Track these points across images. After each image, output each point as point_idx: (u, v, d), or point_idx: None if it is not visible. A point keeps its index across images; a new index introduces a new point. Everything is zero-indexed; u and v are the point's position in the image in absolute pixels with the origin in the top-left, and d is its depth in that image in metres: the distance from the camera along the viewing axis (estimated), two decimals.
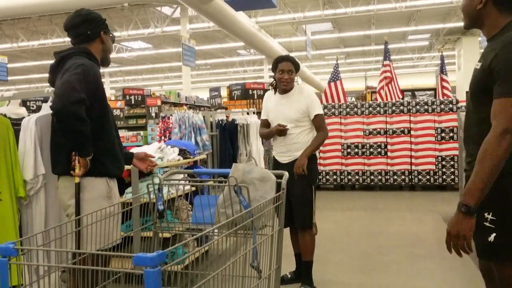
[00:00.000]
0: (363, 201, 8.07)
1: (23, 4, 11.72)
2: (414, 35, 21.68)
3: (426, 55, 26.94)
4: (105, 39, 2.67)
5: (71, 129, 2.36)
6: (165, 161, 4.12)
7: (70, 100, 2.29)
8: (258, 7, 7.76)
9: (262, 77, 25.09)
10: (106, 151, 2.56)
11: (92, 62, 2.54)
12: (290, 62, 3.74)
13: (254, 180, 2.23)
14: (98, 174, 2.50)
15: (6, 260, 1.44)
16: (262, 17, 16.06)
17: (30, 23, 16.58)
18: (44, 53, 21.45)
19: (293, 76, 3.75)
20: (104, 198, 2.52)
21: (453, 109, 8.57)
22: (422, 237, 5.51)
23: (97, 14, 2.69)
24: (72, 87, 2.33)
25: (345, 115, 9.07)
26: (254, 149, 6.77)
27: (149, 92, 13.24)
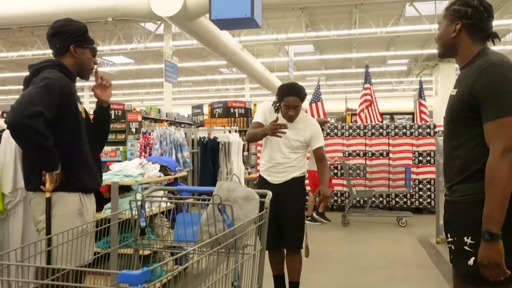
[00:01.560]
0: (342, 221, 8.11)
1: (4, 15, 11.59)
2: (393, 60, 22.16)
3: (405, 80, 27.53)
4: (78, 53, 2.59)
5: (27, 143, 2.31)
6: (146, 177, 4.10)
7: (24, 114, 2.22)
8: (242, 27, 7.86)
9: (243, 95, 25.21)
10: (79, 165, 2.51)
11: (62, 76, 2.48)
12: (298, 97, 3.58)
13: (238, 199, 2.23)
14: (70, 189, 2.45)
15: None
16: (245, 37, 16.22)
17: (11, 34, 16.41)
18: (23, 65, 21.16)
19: (299, 110, 3.64)
20: (76, 215, 2.46)
21: (430, 133, 8.75)
22: (400, 259, 5.57)
23: (72, 26, 2.61)
24: (29, 100, 2.27)
25: (325, 136, 9.15)
26: (235, 167, 6.78)
27: (129, 107, 13.17)
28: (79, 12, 10.99)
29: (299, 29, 15.67)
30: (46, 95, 2.32)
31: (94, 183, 2.63)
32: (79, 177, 2.50)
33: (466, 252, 1.97)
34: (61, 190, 2.42)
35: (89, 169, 2.58)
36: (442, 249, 5.94)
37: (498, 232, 1.82)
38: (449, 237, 2.08)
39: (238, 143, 7.04)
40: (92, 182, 2.60)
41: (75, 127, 2.52)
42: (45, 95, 2.32)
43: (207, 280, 1.86)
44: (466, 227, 1.96)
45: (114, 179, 3.89)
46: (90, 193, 2.61)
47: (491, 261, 1.83)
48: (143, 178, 4.04)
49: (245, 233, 2.15)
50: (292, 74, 16.95)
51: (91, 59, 2.67)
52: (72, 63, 2.59)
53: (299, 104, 3.60)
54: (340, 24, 15.23)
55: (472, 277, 1.97)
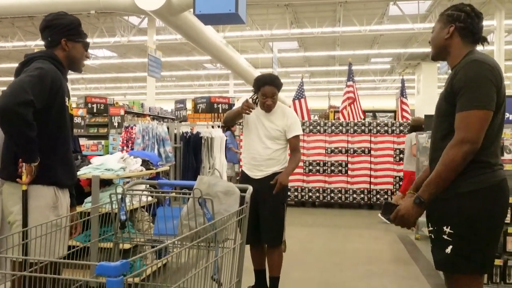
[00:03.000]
0: (323, 218, 8.19)
1: None
2: (376, 58, 22.35)
3: (388, 78, 27.79)
4: (69, 47, 2.60)
5: (14, 131, 2.30)
6: (127, 171, 4.08)
7: (16, 100, 2.22)
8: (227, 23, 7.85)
9: (227, 91, 25.16)
10: (58, 159, 2.51)
11: (53, 67, 2.49)
12: (274, 86, 3.71)
13: (219, 193, 2.24)
14: (46, 182, 2.44)
15: None
16: (230, 32, 16.17)
17: None
18: (3, 56, 20.79)
19: (276, 99, 3.75)
20: (50, 208, 2.45)
21: None
22: (378, 256, 5.64)
23: (64, 20, 2.62)
24: (21, 87, 2.27)
25: (308, 133, 9.21)
26: (217, 162, 6.78)
27: (112, 101, 13.03)
28: (61, 3, 10.82)
29: (283, 26, 15.68)
30: (38, 85, 2.32)
31: (70, 179, 2.63)
32: (56, 171, 2.49)
33: (444, 241, 2.10)
34: (36, 183, 2.41)
35: (67, 164, 2.58)
36: (421, 245, 6.04)
37: (427, 201, 2.10)
38: (429, 226, 2.23)
39: (221, 139, 7.04)
40: (68, 177, 2.60)
41: (60, 121, 2.51)
42: (37, 84, 2.32)
43: (187, 274, 1.87)
44: (445, 217, 2.10)
45: (95, 173, 3.87)
46: (65, 188, 2.60)
47: (408, 216, 2.15)
48: (125, 172, 4.02)
49: (225, 227, 2.16)
50: (276, 70, 16.97)
51: (82, 53, 2.68)
52: (64, 56, 2.60)
53: (276, 93, 3.71)
54: (324, 22, 15.29)
55: (450, 264, 2.11)
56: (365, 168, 9.00)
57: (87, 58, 2.76)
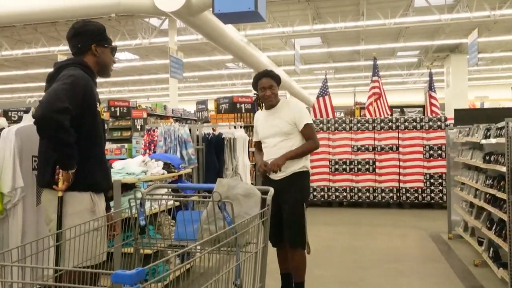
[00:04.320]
0: (348, 217, 8.10)
1: (7, 12, 11.64)
2: (403, 52, 21.98)
3: (415, 72, 27.30)
4: (99, 52, 2.66)
5: (53, 138, 2.36)
6: (148, 174, 4.09)
7: (53, 108, 2.28)
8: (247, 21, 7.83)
9: (250, 90, 25.16)
10: (95, 164, 2.56)
11: (84, 74, 2.55)
12: (269, 77, 3.70)
13: (239, 196, 2.21)
14: (82, 188, 2.48)
15: None
16: (251, 31, 16.16)
17: (15, 32, 16.48)
18: (28, 62, 21.30)
19: (275, 91, 3.71)
20: (88, 212, 2.49)
21: (441, 126, 8.67)
22: (405, 253, 5.53)
23: (92, 27, 2.68)
24: (57, 96, 2.33)
25: (333, 131, 9.11)
26: (240, 163, 6.76)
27: (135, 104, 13.19)
28: (83, 8, 11.01)
29: (305, 21, 15.58)
30: (72, 92, 2.39)
31: (106, 183, 2.70)
32: (94, 176, 2.55)
33: None
34: (72, 190, 2.45)
35: (103, 168, 2.64)
36: (454, 244, 5.88)
37: None
38: None
39: (244, 139, 7.02)
40: (105, 181, 2.67)
41: (94, 126, 2.58)
42: (71, 91, 2.38)
43: (210, 279, 1.85)
44: None
45: (116, 177, 3.89)
46: (100, 193, 2.65)
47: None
48: (146, 176, 4.03)
49: (246, 231, 2.12)
50: (298, 67, 16.88)
51: (111, 57, 2.76)
52: (93, 62, 2.66)
53: (273, 84, 3.69)
54: (347, 16, 15.11)
55: None
56: (394, 165, 8.84)
57: (114, 63, 2.83)
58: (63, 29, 15.93)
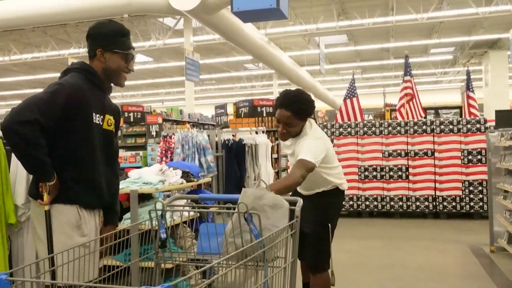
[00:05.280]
0: (381, 229, 8.02)
1: (16, 14, 11.93)
2: (436, 49, 21.76)
3: (450, 70, 26.98)
4: (106, 58, 2.62)
5: (16, 150, 2.38)
6: (166, 184, 4.13)
7: (16, 119, 2.29)
8: (268, 19, 7.86)
9: (271, 93, 25.20)
10: (78, 179, 2.53)
11: (81, 83, 2.53)
12: (288, 110, 3.22)
13: (265, 207, 2.18)
14: (66, 201, 2.49)
15: None
16: (271, 29, 16.21)
17: (23, 35, 16.85)
18: (37, 67, 21.75)
19: (292, 129, 3.29)
20: (73, 228, 2.49)
21: (481, 129, 8.54)
22: (445, 271, 5.44)
23: (102, 29, 2.64)
24: (27, 105, 2.34)
25: (362, 135, 9.06)
26: (263, 171, 6.78)
27: (149, 109, 13.34)
28: (92, 9, 11.22)
29: (330, 18, 15.56)
30: (48, 102, 2.39)
31: (94, 199, 2.62)
32: (75, 190, 2.51)
33: None
34: (57, 202, 2.46)
35: (91, 183, 2.58)
36: (497, 258, 5.78)
37: None
38: None
39: (266, 145, 7.04)
40: (92, 197, 2.59)
41: (83, 138, 2.54)
42: (46, 102, 2.39)
43: None
44: None
45: (133, 187, 3.93)
46: (90, 209, 2.60)
47: None
48: (164, 186, 4.07)
49: (274, 244, 2.11)
50: (323, 67, 16.85)
51: (120, 64, 2.65)
52: (100, 68, 2.62)
53: (290, 120, 3.24)
54: (376, 11, 15.04)
55: None
56: (429, 172, 8.74)
57: (129, 71, 2.72)
58: (73, 31, 16.24)
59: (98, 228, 2.67)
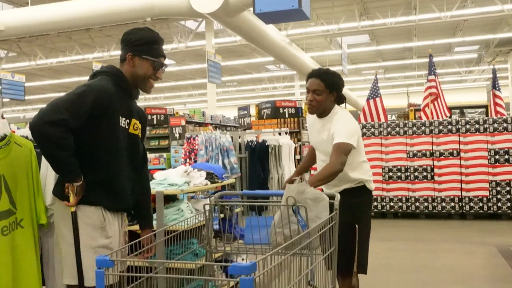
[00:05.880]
0: (406, 231, 7.93)
1: (41, 20, 12.16)
2: (461, 47, 21.46)
3: (475, 69, 26.58)
4: (135, 63, 2.63)
5: (43, 150, 2.40)
6: (191, 185, 4.17)
7: (45, 119, 2.32)
8: (290, 20, 7.86)
9: (293, 94, 25.18)
10: (103, 182, 2.54)
11: (109, 86, 2.55)
12: (319, 79, 3.24)
13: (308, 201, 2.36)
14: (91, 203, 2.51)
15: (102, 271, 1.79)
16: (293, 30, 16.21)
17: (49, 40, 17.19)
18: (62, 71, 22.14)
19: (320, 98, 3.24)
20: (97, 230, 2.51)
21: (507, 128, 8.39)
22: (473, 273, 5.35)
23: (135, 35, 2.65)
24: (55, 106, 2.37)
25: (386, 135, 8.99)
26: (286, 172, 6.78)
27: (172, 111, 13.45)
28: (116, 13, 11.37)
29: (351, 18, 15.48)
30: (76, 104, 2.41)
31: (118, 204, 2.63)
32: (99, 193, 2.53)
33: None
34: (82, 203, 2.49)
35: (115, 187, 2.59)
36: None
37: None
38: None
39: (290, 146, 7.04)
40: (115, 202, 2.60)
41: (109, 141, 2.55)
42: (74, 103, 2.41)
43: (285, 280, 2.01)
44: None
45: (158, 189, 3.98)
46: (113, 211, 2.61)
47: None
48: (189, 187, 4.11)
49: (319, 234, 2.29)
50: (345, 68, 16.76)
51: (148, 71, 2.66)
52: (129, 72, 2.65)
53: (319, 87, 3.23)
54: (398, 10, 14.91)
55: None
56: (455, 172, 8.62)
57: (156, 79, 2.73)
58: (97, 36, 16.49)
59: (121, 230, 2.69)
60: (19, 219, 2.64)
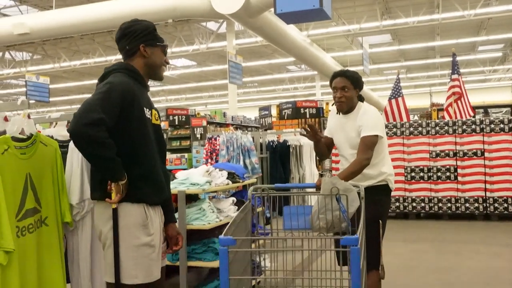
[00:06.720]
0: (429, 232, 7.83)
1: (65, 23, 12.37)
2: (485, 46, 21.12)
3: (500, 68, 26.12)
4: (148, 53, 2.64)
5: (89, 153, 2.38)
6: (213, 185, 4.19)
7: (84, 121, 2.30)
8: (311, 20, 7.82)
9: (314, 94, 25.10)
10: (143, 177, 2.53)
11: (128, 80, 2.54)
12: (344, 77, 3.50)
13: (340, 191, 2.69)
14: (133, 200, 2.49)
15: (226, 249, 1.98)
16: (314, 30, 16.16)
17: (72, 43, 17.47)
18: (85, 73, 22.46)
19: (348, 94, 3.49)
20: (139, 227, 2.49)
21: None
22: (499, 275, 5.25)
23: (140, 25, 2.67)
24: (89, 107, 2.35)
25: (408, 135, 8.89)
26: (307, 172, 6.76)
27: (193, 112, 13.51)
28: (138, 15, 11.32)
29: (373, 18, 15.37)
30: (107, 101, 2.39)
31: (159, 196, 2.62)
32: (143, 189, 2.52)
33: None
34: (124, 201, 2.47)
35: (155, 180, 2.59)
36: None
37: None
38: None
39: (311, 146, 7.01)
40: (157, 194, 2.60)
41: (141, 134, 2.55)
42: (106, 101, 2.39)
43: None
44: None
45: (180, 188, 4.01)
46: (154, 205, 2.61)
47: None
48: (210, 186, 4.13)
49: None
50: (367, 68, 16.63)
51: (162, 57, 2.71)
52: (143, 64, 2.65)
53: (346, 84, 3.49)
54: (421, 9, 14.75)
55: None
56: (479, 173, 8.48)
57: (167, 64, 2.77)
58: None
59: (162, 226, 2.68)
60: (44, 217, 2.68)
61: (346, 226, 2.66)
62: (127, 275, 2.46)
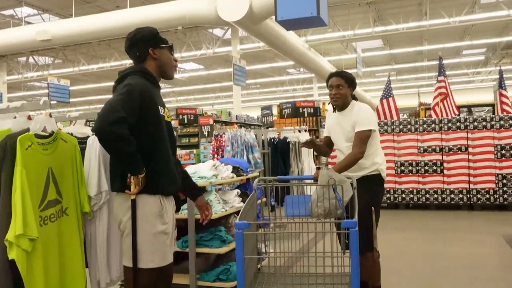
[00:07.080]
0: (418, 221, 7.82)
1: (84, 30, 12.37)
2: (468, 50, 21.02)
3: (482, 70, 26.00)
4: (157, 55, 2.67)
5: (113, 149, 2.41)
6: (219, 178, 4.18)
7: (109, 120, 2.32)
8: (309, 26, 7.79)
9: (311, 95, 25.03)
10: (159, 170, 2.57)
11: (144, 81, 2.56)
12: (340, 76, 3.56)
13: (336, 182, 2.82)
14: (151, 192, 2.53)
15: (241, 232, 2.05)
16: (311, 36, 16.10)
17: (91, 48, 17.45)
18: (102, 76, 22.45)
19: (343, 91, 3.53)
20: (156, 217, 2.53)
21: None
22: (483, 260, 5.24)
23: (144, 32, 2.68)
24: (112, 107, 2.37)
25: (398, 132, 8.87)
26: (306, 166, 6.75)
27: (201, 112, 13.51)
28: (151, 23, 11.45)
29: (366, 24, 15.31)
30: (127, 101, 2.42)
31: (173, 187, 2.68)
32: (159, 181, 2.56)
33: None
34: (142, 193, 2.51)
35: (169, 173, 2.63)
36: None
37: None
38: None
39: None
40: (172, 185, 2.65)
41: (157, 131, 2.58)
42: (126, 101, 2.41)
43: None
44: None
45: None
46: (169, 196, 2.67)
47: None
48: (217, 179, 4.12)
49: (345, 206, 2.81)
50: (360, 70, 16.57)
51: (170, 57, 2.73)
52: (155, 66, 2.68)
53: (341, 83, 3.55)
54: (410, 17, 14.69)
55: None
56: (463, 166, 8.46)
57: (176, 62, 2.79)
58: None
59: (174, 214, 2.74)
60: (65, 208, 2.69)
61: (341, 213, 2.74)
62: (144, 260, 2.49)
